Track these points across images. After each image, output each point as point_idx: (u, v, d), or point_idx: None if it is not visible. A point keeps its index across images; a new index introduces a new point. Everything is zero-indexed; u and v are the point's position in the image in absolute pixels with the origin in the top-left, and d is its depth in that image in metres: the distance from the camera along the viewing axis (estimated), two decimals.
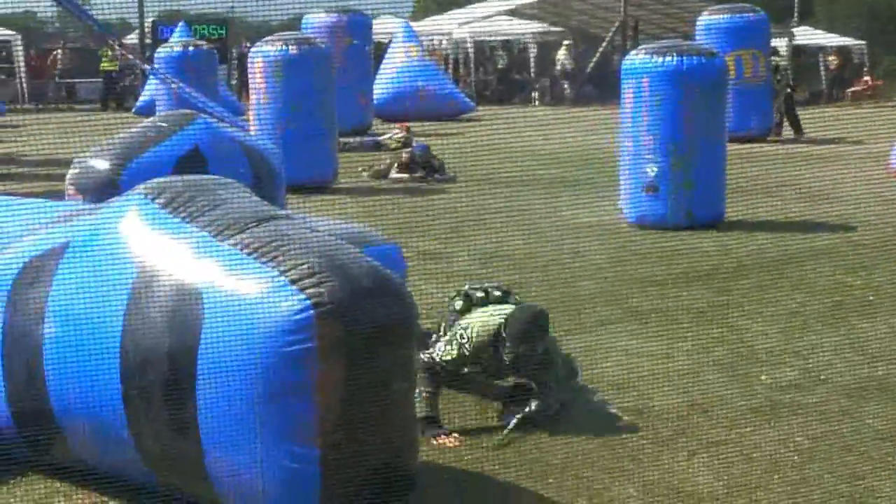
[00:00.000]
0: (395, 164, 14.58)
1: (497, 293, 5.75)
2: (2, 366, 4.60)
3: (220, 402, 3.99)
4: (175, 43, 19.37)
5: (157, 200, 4.40)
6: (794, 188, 13.06)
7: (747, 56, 18.47)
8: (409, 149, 15.13)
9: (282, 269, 4.03)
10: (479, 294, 5.72)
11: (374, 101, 21.57)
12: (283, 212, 4.57)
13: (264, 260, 4.09)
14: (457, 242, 9.96)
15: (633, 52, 11.24)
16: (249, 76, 13.87)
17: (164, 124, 8.42)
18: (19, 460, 4.72)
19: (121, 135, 8.49)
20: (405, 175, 14.27)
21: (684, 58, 10.66)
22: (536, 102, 32.22)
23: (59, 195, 8.22)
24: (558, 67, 32.23)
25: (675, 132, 10.68)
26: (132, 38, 29.69)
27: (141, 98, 22.93)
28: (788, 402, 5.71)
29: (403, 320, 4.20)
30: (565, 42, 32.69)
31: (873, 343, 6.70)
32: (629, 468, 4.85)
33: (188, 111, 9.00)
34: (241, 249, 4.14)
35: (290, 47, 13.28)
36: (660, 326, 7.25)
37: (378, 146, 18.41)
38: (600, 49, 33.59)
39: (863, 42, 33.52)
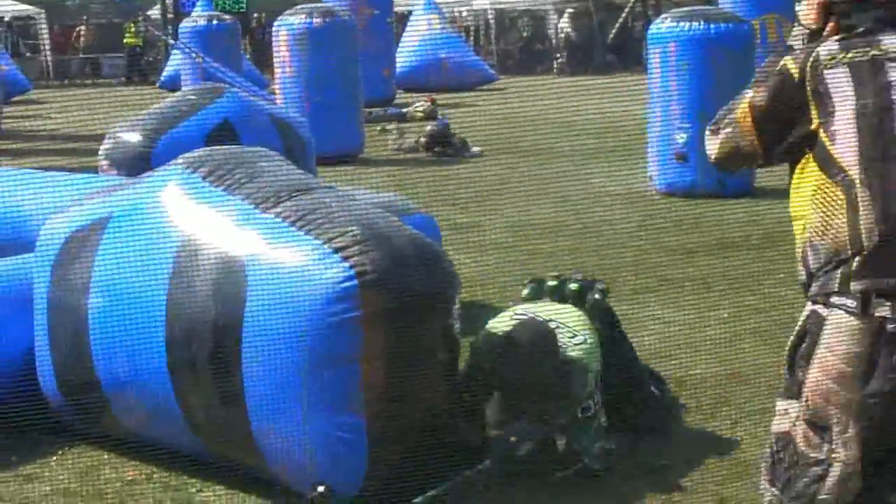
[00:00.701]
0: (423, 145, 14.03)
1: (573, 286, 4.78)
2: (48, 337, 4.61)
3: (267, 371, 3.98)
4: (198, 16, 19.31)
5: (198, 172, 4.39)
6: None
7: (771, 21, 18.28)
8: (434, 124, 14.55)
9: (325, 238, 4.01)
10: (551, 283, 4.84)
11: (397, 72, 21.49)
12: (323, 182, 4.54)
13: (307, 229, 4.07)
14: (486, 212, 9.93)
15: (660, 18, 11.14)
16: (274, 48, 13.81)
17: (194, 98, 8.43)
18: (68, 430, 4.75)
19: (152, 108, 8.50)
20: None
21: (712, 24, 10.57)
22: (556, 71, 32.08)
23: (89, 170, 8.24)
24: (561, 36, 31.99)
25: (704, 99, 10.57)
26: (154, 13, 29.66)
27: (165, 72, 22.91)
28: None
29: (445, 289, 4.18)
30: (568, 10, 32.43)
31: None
32: (674, 436, 4.82)
33: (218, 85, 8.99)
34: (284, 219, 4.12)
35: (315, 19, 13.23)
36: (694, 295, 7.20)
37: (403, 117, 18.40)
38: (621, 17, 33.42)
39: None
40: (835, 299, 2.80)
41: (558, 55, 32.39)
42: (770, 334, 6.32)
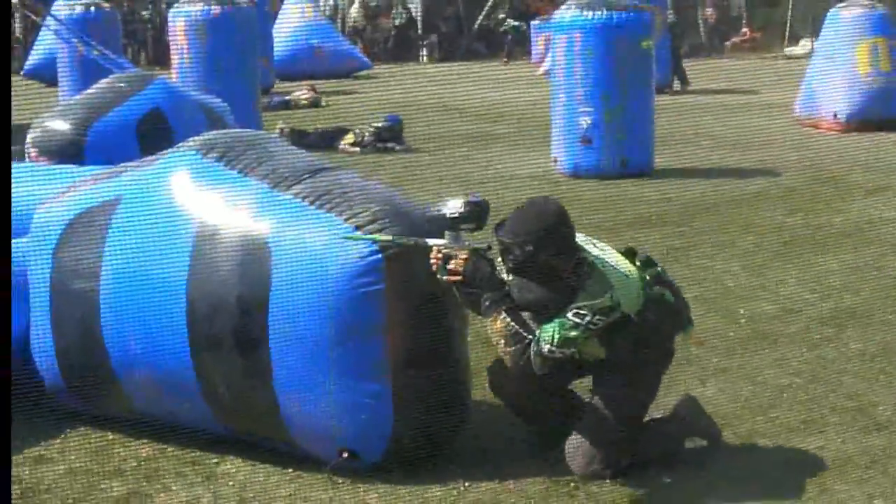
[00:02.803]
0: (352, 141, 13.62)
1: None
2: (49, 321, 4.69)
3: (294, 343, 4.16)
4: (75, 3, 18.84)
5: (209, 155, 4.51)
6: (709, 137, 13.59)
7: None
8: (383, 119, 13.89)
9: (346, 215, 4.21)
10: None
11: None
12: (329, 164, 4.71)
13: (326, 208, 4.26)
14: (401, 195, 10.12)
15: (565, 6, 11.53)
16: (170, 36, 13.77)
17: (122, 85, 8.47)
18: (66, 413, 4.83)
19: (78, 96, 8.52)
20: (356, 149, 13.47)
21: (614, 13, 11.02)
22: (425, 59, 32.41)
23: None
24: (350, 24, 32.22)
25: (607, 84, 11.04)
26: None
27: (31, 60, 22.23)
28: (774, 333, 6.09)
29: None
30: None
31: (831, 277, 7.14)
32: None
33: (147, 73, 9.03)
34: (303, 199, 4.30)
35: (213, 7, 13.25)
36: None
37: (287, 105, 18.47)
38: (486, 6, 33.98)
39: None
40: None
41: (426, 43, 32.73)
42: (712, 301, 6.75)
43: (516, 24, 30.49)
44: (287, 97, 18.85)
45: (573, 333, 4.02)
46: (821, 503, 4.11)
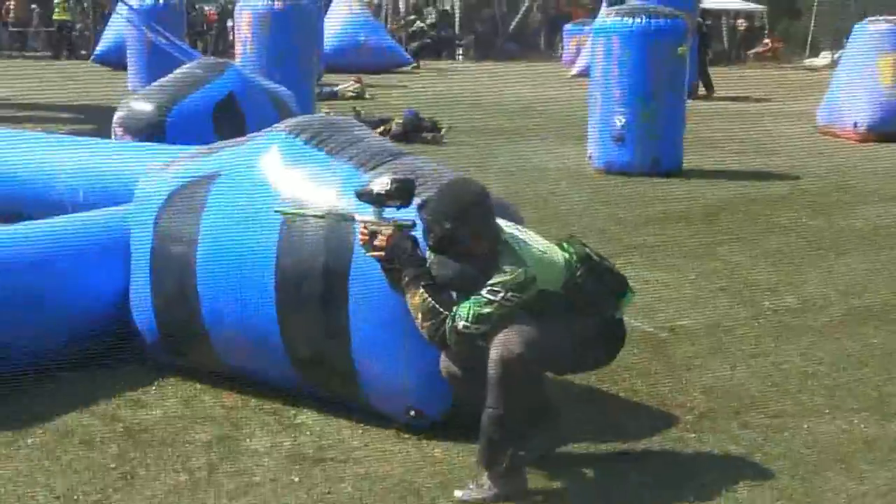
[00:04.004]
0: (380, 130, 13.92)
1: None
2: (150, 281, 4.92)
3: (371, 309, 4.36)
4: None
5: (300, 136, 4.72)
6: (735, 141, 13.75)
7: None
8: (400, 121, 14.05)
9: (424, 196, 4.39)
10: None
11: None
12: (406, 151, 4.91)
13: None
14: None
15: (604, 12, 11.70)
16: (236, 28, 14.02)
17: (200, 72, 8.70)
18: (157, 365, 5.08)
19: (159, 81, 8.78)
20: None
21: (652, 20, 11.18)
22: (461, 57, 32.59)
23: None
24: None
25: (642, 87, 11.20)
26: None
27: (99, 46, 22.61)
28: (798, 325, 6.25)
29: None
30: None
31: (854, 277, 7.30)
32: (686, 376, 5.33)
33: (221, 60, 9.27)
34: None
35: (276, 2, 13.51)
36: (660, 260, 7.74)
37: (335, 96, 18.74)
38: (522, 9, 34.17)
39: (762, 7, 34.49)
40: None
41: (463, 42, 32.92)
42: (738, 292, 6.92)
43: (424, 26, 30.71)
44: (335, 88, 19.14)
45: (487, 310, 3.94)
46: (848, 479, 4.22)
